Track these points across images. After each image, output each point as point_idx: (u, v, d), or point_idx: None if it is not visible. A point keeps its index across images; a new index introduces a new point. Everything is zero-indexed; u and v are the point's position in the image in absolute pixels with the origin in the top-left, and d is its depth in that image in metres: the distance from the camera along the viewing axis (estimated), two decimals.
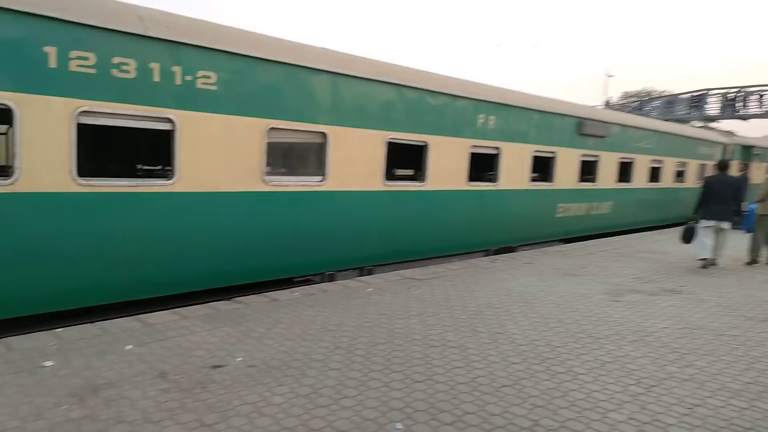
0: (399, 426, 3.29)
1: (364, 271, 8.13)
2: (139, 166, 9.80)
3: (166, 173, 6.04)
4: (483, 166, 10.13)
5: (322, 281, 7.53)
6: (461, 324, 5.37)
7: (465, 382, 3.97)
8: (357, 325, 5.24)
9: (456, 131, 9.01)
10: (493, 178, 10.06)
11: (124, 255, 5.61)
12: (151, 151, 9.19)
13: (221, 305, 5.77)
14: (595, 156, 12.52)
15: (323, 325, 5.18)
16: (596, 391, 3.91)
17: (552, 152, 11.20)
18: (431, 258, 9.10)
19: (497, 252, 10.33)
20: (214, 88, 5.94)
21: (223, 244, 6.31)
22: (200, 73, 5.83)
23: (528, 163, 10.62)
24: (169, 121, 5.69)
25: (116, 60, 5.27)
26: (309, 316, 5.45)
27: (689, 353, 4.77)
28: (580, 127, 11.80)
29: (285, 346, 4.57)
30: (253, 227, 6.57)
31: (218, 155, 6.12)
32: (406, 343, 4.78)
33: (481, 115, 9.40)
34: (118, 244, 5.56)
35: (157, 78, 5.54)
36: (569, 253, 10.10)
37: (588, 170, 12.50)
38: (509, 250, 10.63)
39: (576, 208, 12.30)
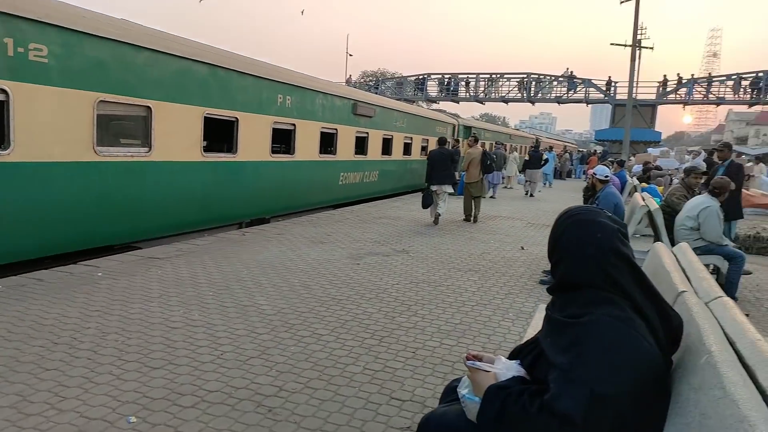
0: (132, 419, 2.99)
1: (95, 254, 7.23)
2: None
3: (1, 144, 5.94)
4: (282, 139, 11.42)
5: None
6: (207, 301, 5.16)
7: (210, 361, 3.83)
8: (82, 316, 4.57)
9: (260, 109, 10.06)
10: (290, 151, 11.36)
11: None
12: None
13: None
14: (366, 133, 14.76)
15: (36, 321, 4.38)
16: (337, 348, 4.20)
17: (334, 129, 12.97)
18: (215, 228, 9.58)
19: (249, 224, 10.29)
20: (45, 60, 6.03)
21: (56, 212, 6.40)
22: (32, 45, 5.87)
23: (317, 138, 12.17)
24: (3, 92, 5.69)
25: None
26: (16, 312, 4.54)
27: (414, 304, 5.49)
28: (355, 108, 13.84)
29: None
30: (85, 195, 6.76)
31: (52, 126, 6.22)
32: (143, 329, 4.37)
33: (280, 95, 10.58)
34: None
35: None
36: (318, 222, 10.58)
37: (361, 145, 14.62)
38: (263, 221, 10.70)
39: (353, 177, 14.40)
